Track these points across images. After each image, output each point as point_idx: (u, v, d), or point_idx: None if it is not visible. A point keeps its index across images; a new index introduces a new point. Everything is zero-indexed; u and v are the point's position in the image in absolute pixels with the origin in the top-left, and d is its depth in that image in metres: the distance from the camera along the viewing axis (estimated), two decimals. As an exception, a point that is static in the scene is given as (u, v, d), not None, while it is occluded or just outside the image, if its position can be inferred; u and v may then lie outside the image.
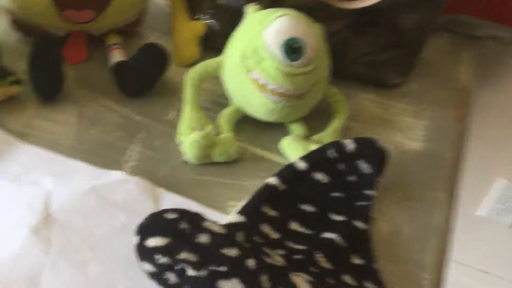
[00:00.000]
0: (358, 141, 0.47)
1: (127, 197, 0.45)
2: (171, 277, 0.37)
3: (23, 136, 0.50)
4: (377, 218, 0.48)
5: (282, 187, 0.46)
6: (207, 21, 0.61)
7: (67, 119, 0.53)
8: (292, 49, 0.48)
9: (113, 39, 0.60)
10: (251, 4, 0.53)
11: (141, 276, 0.39)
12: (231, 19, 0.56)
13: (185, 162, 0.50)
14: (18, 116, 0.52)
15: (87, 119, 0.53)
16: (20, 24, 0.58)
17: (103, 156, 0.50)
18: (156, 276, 0.38)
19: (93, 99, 0.55)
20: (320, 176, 0.47)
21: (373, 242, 0.45)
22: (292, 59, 0.48)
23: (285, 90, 0.49)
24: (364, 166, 0.47)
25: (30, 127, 0.51)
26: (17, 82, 0.52)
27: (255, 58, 0.49)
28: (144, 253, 0.37)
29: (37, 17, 0.55)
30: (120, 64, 0.56)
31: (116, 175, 0.47)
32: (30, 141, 0.50)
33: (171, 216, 0.38)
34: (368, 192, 0.47)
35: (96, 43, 0.60)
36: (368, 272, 0.42)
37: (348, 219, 0.46)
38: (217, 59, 0.54)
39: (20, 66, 0.53)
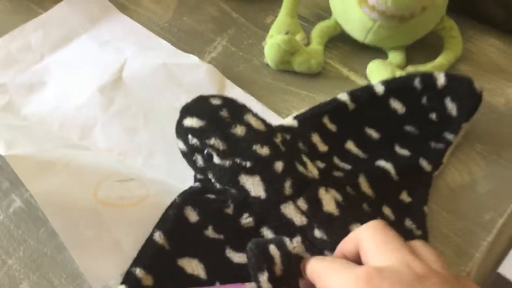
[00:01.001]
0: (452, 77, 0.41)
1: (194, 81, 0.45)
2: (199, 160, 0.36)
3: (124, 8, 0.53)
4: (449, 166, 0.42)
5: (352, 105, 0.42)
6: None
7: (168, 2, 0.54)
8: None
9: None
10: None
11: (178, 156, 0.39)
12: None
13: (266, 65, 0.48)
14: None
15: (187, 6, 0.54)
16: None
17: (189, 42, 0.50)
18: (187, 155, 0.37)
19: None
20: (397, 105, 0.41)
21: (432, 187, 0.39)
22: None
23: (386, 8, 0.44)
24: (451, 106, 0.41)
25: (133, 2, 0.53)
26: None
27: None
28: (180, 131, 0.37)
29: None
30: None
31: (191, 58, 0.47)
32: (128, 14, 0.52)
33: (215, 102, 0.37)
34: (448, 135, 0.41)
35: None
36: (413, 211, 0.37)
37: (414, 155, 0.40)
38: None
39: None
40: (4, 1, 0.52)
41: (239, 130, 0.35)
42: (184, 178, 0.39)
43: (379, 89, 0.42)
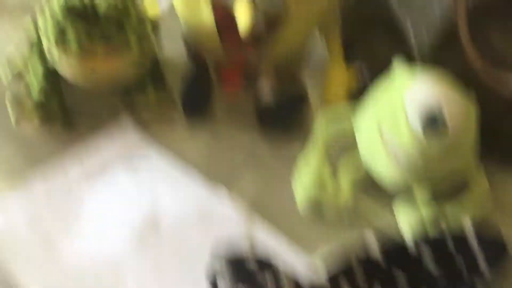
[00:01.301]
0: (485, 241, 0.42)
1: (225, 220, 0.48)
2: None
3: (158, 140, 0.56)
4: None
5: (381, 260, 0.42)
6: (361, 73, 0.59)
7: (202, 135, 0.57)
8: (432, 122, 0.43)
9: (268, 72, 0.61)
10: (399, 58, 0.50)
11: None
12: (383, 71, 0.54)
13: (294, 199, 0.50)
14: (161, 125, 0.58)
15: (219, 140, 0.57)
16: (189, 47, 0.63)
17: (220, 176, 0.52)
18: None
19: (232, 122, 0.59)
20: (431, 265, 0.42)
21: None
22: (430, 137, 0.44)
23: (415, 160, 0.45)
24: (484, 267, 0.41)
25: (167, 134, 0.57)
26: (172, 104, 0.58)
27: (391, 121, 0.46)
28: None
29: (201, 44, 0.60)
30: (265, 110, 0.58)
31: (221, 196, 0.50)
32: (162, 145, 0.55)
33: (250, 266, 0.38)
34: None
35: (251, 76, 0.63)
36: None
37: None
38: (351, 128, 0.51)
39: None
40: (52, 144, 0.55)
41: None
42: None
43: (411, 246, 0.42)
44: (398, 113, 0.45)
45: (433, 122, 0.43)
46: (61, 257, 0.45)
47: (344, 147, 0.54)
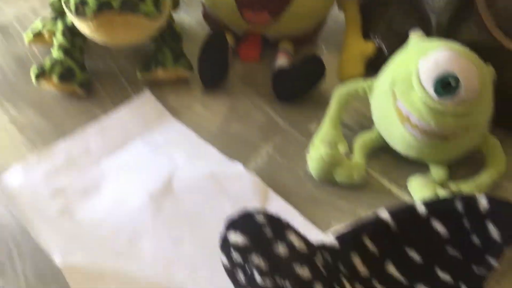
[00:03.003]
0: (495, 201, 0.41)
1: (239, 192, 0.47)
2: (241, 277, 0.37)
3: (177, 113, 0.56)
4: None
5: (393, 225, 0.42)
6: (378, 43, 0.59)
7: (219, 109, 0.57)
8: (445, 85, 0.44)
9: (285, 45, 0.62)
10: (416, 30, 0.50)
11: (222, 270, 0.39)
12: (401, 45, 0.54)
13: (309, 175, 0.50)
14: (180, 95, 0.58)
15: (236, 112, 0.57)
16: (208, 18, 0.64)
17: (236, 149, 0.52)
18: (229, 271, 0.38)
19: (248, 95, 0.59)
20: (439, 227, 0.42)
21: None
22: (443, 96, 0.44)
23: (428, 127, 0.45)
24: (494, 230, 0.41)
25: (186, 107, 0.57)
26: (187, 66, 0.58)
27: (404, 86, 0.46)
28: (224, 245, 0.38)
29: (221, 13, 0.61)
30: (280, 71, 0.58)
31: (237, 167, 0.50)
32: (181, 118, 0.55)
33: (260, 219, 0.39)
34: (490, 259, 0.40)
35: (270, 45, 0.63)
36: None
37: (456, 281, 0.40)
38: (370, 81, 0.52)
39: (196, 54, 0.59)
40: (67, 103, 0.56)
41: (282, 250, 0.36)
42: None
43: (421, 209, 0.42)
44: (412, 78, 0.45)
45: (446, 84, 0.43)
46: (78, 216, 0.45)
47: (360, 124, 0.55)
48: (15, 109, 0.56)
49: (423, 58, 0.45)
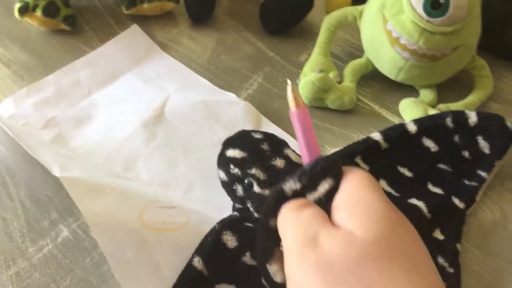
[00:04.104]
0: (484, 115, 0.42)
1: (232, 117, 0.47)
2: (239, 189, 0.38)
3: (165, 47, 0.56)
4: (481, 204, 0.42)
5: (385, 145, 0.43)
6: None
7: (207, 42, 0.57)
8: (435, 4, 0.44)
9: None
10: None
11: (216, 188, 0.40)
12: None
13: (300, 102, 0.50)
14: (167, 30, 0.58)
15: (224, 45, 0.56)
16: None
17: (226, 79, 0.52)
18: (227, 185, 0.39)
19: (236, 29, 0.58)
20: (429, 143, 0.43)
21: (465, 225, 0.40)
22: (432, 15, 0.44)
23: (417, 47, 0.45)
24: (484, 144, 0.42)
25: (173, 42, 0.56)
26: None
27: (394, 8, 0.46)
28: (222, 161, 0.39)
29: None
30: (268, 2, 0.57)
31: (228, 96, 0.50)
32: (169, 52, 0.55)
33: (257, 135, 0.39)
34: (481, 172, 0.42)
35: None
36: (445, 249, 0.38)
37: (447, 193, 0.41)
38: (359, 7, 0.52)
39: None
40: (53, 41, 0.56)
41: (279, 163, 0.37)
42: (221, 209, 0.41)
43: (412, 127, 0.43)
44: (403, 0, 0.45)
45: (435, 2, 0.43)
46: (71, 144, 0.45)
47: (349, 54, 0.55)
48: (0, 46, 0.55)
49: (412, -22, 0.45)
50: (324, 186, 0.27)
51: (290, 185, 0.28)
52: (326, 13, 0.59)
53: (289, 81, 0.32)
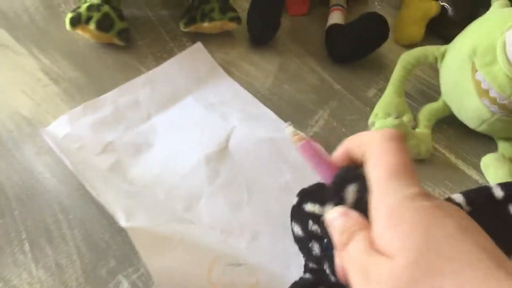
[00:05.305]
0: None
1: (299, 158, 0.44)
2: (316, 248, 0.35)
3: (225, 70, 0.52)
4: None
5: (467, 208, 0.40)
6: (442, 3, 0.55)
7: (268, 68, 0.53)
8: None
9: (337, 0, 0.57)
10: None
11: (286, 238, 0.38)
12: (469, 7, 0.50)
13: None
14: (226, 51, 0.54)
15: (287, 73, 0.53)
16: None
17: (290, 113, 0.49)
18: (302, 241, 0.36)
19: (298, 54, 0.54)
20: (517, 211, 0.40)
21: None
22: (530, 70, 0.41)
23: (508, 102, 0.42)
24: None
25: (232, 64, 0.53)
26: (235, 19, 0.53)
27: (486, 57, 0.42)
28: (299, 215, 0.36)
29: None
30: (335, 27, 0.54)
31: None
32: (234, 77, 0.51)
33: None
34: None
35: (322, 0, 0.59)
36: None
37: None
38: (442, 48, 0.48)
39: (245, 7, 0.54)
40: (104, 56, 0.52)
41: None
42: (287, 264, 0.38)
43: (498, 193, 0.39)
44: (497, 49, 0.42)
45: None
46: (130, 174, 0.42)
47: (422, 93, 0.51)
48: (46, 58, 0.51)
49: (511, 30, 0.41)
50: (350, 194, 0.26)
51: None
52: (395, 42, 0.56)
53: (287, 128, 0.32)
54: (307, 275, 0.37)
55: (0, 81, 0.48)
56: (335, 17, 0.55)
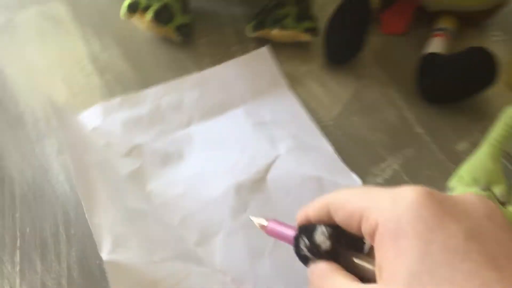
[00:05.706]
0: None
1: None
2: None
3: (295, 87, 0.44)
4: None
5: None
6: None
7: (340, 93, 0.44)
8: None
9: (444, 23, 0.47)
10: None
11: None
12: None
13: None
14: (295, 64, 0.46)
15: (361, 102, 0.44)
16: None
17: (353, 153, 0.40)
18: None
19: (381, 83, 0.45)
20: None
21: None
22: None
23: None
24: None
25: (298, 81, 0.45)
26: (312, 30, 0.45)
27: None
28: None
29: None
30: (432, 56, 0.44)
31: (353, 180, 0.38)
32: (300, 93, 0.44)
33: None
34: None
35: (424, 19, 0.49)
36: None
37: None
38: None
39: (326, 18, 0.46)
40: (157, 51, 0.46)
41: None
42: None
43: None
44: None
45: None
46: (149, 186, 0.37)
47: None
48: (97, 43, 0.46)
49: None
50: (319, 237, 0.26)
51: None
52: (505, 85, 0.44)
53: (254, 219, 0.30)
54: None
55: (42, 62, 0.44)
56: (435, 45, 0.45)
